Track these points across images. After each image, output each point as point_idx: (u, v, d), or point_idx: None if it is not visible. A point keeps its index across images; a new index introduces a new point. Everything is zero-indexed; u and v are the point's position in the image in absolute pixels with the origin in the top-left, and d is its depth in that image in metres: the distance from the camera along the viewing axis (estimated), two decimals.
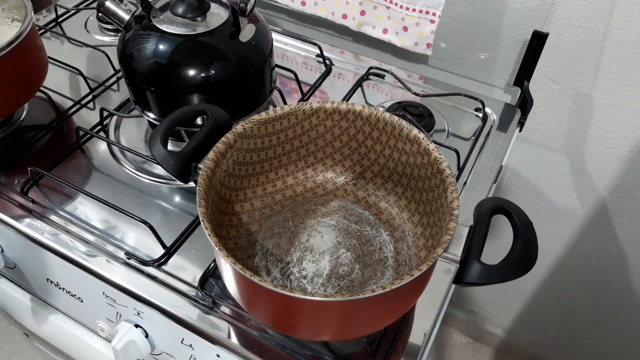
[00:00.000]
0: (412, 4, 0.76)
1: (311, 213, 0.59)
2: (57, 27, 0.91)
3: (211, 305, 0.56)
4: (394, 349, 0.53)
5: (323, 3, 0.84)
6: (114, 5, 0.62)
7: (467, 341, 1.41)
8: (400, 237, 0.56)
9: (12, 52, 0.63)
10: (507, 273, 0.41)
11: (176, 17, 0.62)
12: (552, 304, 1.16)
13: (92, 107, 0.78)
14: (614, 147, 0.82)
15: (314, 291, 0.52)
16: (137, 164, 0.70)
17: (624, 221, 0.90)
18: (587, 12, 0.70)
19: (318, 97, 0.79)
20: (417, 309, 0.56)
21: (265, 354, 0.53)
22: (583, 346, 1.20)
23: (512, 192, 0.99)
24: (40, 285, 0.71)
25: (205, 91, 0.62)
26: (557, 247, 1.03)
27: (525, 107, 0.77)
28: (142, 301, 0.57)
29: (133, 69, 0.63)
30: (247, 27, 0.63)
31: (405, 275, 0.39)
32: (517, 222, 0.44)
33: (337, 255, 0.55)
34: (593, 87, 0.77)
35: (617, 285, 1.01)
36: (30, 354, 1.34)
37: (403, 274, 0.52)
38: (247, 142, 0.53)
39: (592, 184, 0.88)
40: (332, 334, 0.48)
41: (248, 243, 0.56)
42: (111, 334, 0.66)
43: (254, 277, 0.39)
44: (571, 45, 0.74)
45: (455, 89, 0.80)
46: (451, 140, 0.74)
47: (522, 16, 0.75)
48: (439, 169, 0.49)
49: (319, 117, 0.55)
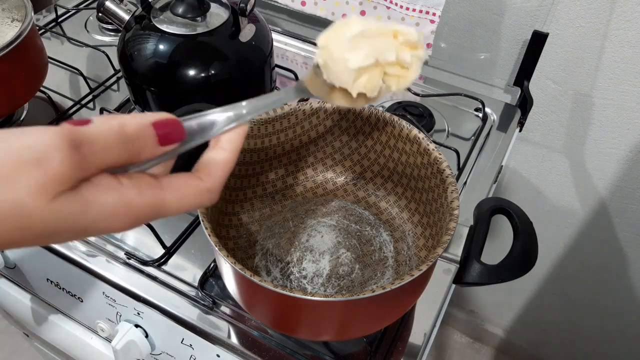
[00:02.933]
0: (412, 4, 0.76)
1: (311, 213, 0.59)
2: (57, 27, 0.91)
3: (211, 305, 0.56)
4: (394, 349, 0.53)
5: (323, 3, 0.84)
6: (114, 5, 0.62)
7: (467, 341, 1.41)
8: (400, 237, 0.56)
9: (12, 52, 0.63)
10: (507, 273, 0.41)
11: (176, 17, 0.62)
12: (552, 304, 1.16)
13: (92, 107, 0.78)
14: (614, 147, 0.82)
15: (314, 291, 0.52)
16: None
17: (624, 221, 0.90)
18: (587, 12, 0.70)
19: None
20: (417, 309, 0.56)
21: (265, 354, 0.53)
22: (583, 346, 1.20)
23: (512, 192, 0.99)
24: (40, 285, 0.71)
25: (205, 91, 0.62)
26: (557, 247, 1.03)
27: (525, 107, 0.77)
28: (142, 301, 0.57)
29: (133, 69, 0.63)
30: (247, 27, 0.63)
31: (405, 275, 0.39)
32: (517, 222, 0.44)
33: (337, 255, 0.55)
34: (593, 87, 0.77)
35: (617, 285, 1.01)
36: (30, 354, 1.34)
37: (403, 274, 0.52)
38: (247, 142, 0.53)
39: (592, 184, 0.88)
40: (332, 334, 0.48)
41: (248, 243, 0.56)
42: (111, 334, 0.66)
43: (254, 277, 0.39)
44: (571, 45, 0.74)
45: (455, 89, 0.80)
46: (451, 140, 0.74)
47: (522, 16, 0.75)
48: (439, 169, 0.49)
49: (319, 117, 0.55)
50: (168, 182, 0.28)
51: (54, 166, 0.22)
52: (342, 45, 0.34)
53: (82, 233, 0.25)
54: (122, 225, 0.26)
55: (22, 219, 0.23)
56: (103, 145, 0.24)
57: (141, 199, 0.26)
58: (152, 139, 0.26)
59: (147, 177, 0.27)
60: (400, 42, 0.35)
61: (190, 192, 0.28)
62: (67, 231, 0.24)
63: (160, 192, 0.27)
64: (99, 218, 0.25)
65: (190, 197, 0.28)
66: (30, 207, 0.23)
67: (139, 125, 0.26)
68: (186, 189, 0.28)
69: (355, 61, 0.33)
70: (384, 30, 0.34)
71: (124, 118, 0.26)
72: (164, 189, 0.27)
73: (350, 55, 0.33)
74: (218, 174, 0.30)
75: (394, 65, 0.35)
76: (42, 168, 0.22)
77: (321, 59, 0.35)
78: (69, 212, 0.24)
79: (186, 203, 0.28)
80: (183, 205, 0.28)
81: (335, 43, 0.34)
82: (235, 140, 0.31)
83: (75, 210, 0.24)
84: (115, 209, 0.25)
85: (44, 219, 0.23)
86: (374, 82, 0.35)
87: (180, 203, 0.28)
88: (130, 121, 0.26)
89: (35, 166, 0.22)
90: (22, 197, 0.22)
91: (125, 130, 0.25)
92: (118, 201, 0.25)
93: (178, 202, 0.28)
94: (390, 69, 0.35)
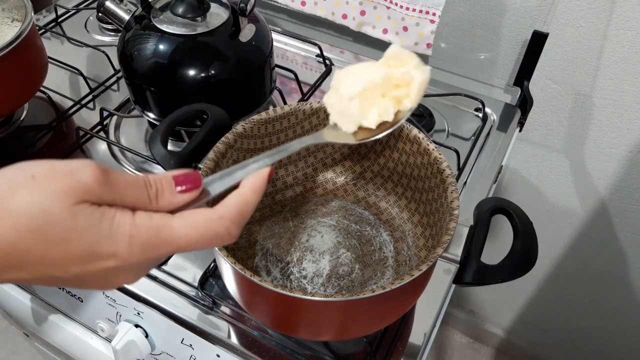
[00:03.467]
0: (412, 4, 0.76)
1: (311, 213, 0.59)
2: (57, 27, 0.91)
3: (211, 305, 0.56)
4: (394, 349, 0.53)
5: (323, 3, 0.84)
6: (114, 5, 0.62)
7: (467, 341, 1.41)
8: (400, 237, 0.56)
9: (12, 52, 0.63)
10: (507, 273, 0.41)
11: (176, 17, 0.62)
12: (552, 304, 1.16)
13: (92, 107, 0.78)
14: (614, 147, 0.82)
15: (314, 291, 0.52)
16: (137, 164, 0.70)
17: (624, 221, 0.90)
18: (587, 12, 0.70)
19: (318, 97, 0.79)
20: (417, 309, 0.56)
21: (265, 354, 0.53)
22: (583, 346, 1.20)
23: (512, 192, 0.99)
24: (40, 285, 0.71)
25: (205, 91, 0.62)
26: (557, 247, 1.03)
27: (525, 107, 0.77)
28: (142, 301, 0.57)
29: (133, 69, 0.63)
30: (247, 27, 0.63)
31: (405, 275, 0.39)
32: (517, 222, 0.44)
33: (337, 255, 0.55)
34: (593, 87, 0.77)
35: (617, 285, 1.01)
36: (30, 354, 1.34)
37: (403, 274, 0.52)
38: (247, 142, 0.53)
39: (592, 184, 0.88)
40: (332, 334, 0.48)
41: (248, 243, 0.56)
42: (111, 334, 0.66)
43: (254, 277, 0.39)
44: (571, 45, 0.74)
45: (455, 89, 0.80)
46: (451, 140, 0.74)
47: (522, 16, 0.75)
48: (439, 169, 0.49)
49: (319, 117, 0.55)
50: (180, 213, 0.29)
51: (83, 177, 0.26)
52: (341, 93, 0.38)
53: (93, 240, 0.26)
54: (130, 246, 0.27)
55: (42, 215, 0.25)
56: (126, 182, 0.27)
57: (151, 222, 0.27)
58: (170, 184, 0.29)
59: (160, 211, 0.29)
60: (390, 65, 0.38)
61: (200, 219, 0.28)
62: (80, 234, 0.26)
63: (168, 218, 0.28)
64: (110, 235, 0.26)
65: (199, 223, 0.28)
66: (49, 205, 0.25)
67: (160, 176, 0.29)
68: (195, 216, 0.28)
69: (349, 90, 0.37)
70: (369, 64, 0.39)
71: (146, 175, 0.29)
72: (173, 217, 0.28)
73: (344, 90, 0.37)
74: (230, 202, 0.30)
75: (394, 87, 0.38)
76: (72, 177, 0.26)
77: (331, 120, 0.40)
78: (85, 219, 0.26)
79: (195, 229, 0.28)
80: (191, 231, 0.28)
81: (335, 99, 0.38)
82: (256, 181, 0.31)
83: (91, 220, 0.26)
84: (126, 228, 0.27)
85: (60, 218, 0.25)
86: (383, 107, 0.38)
87: (188, 228, 0.28)
88: (153, 175, 0.29)
89: (67, 174, 0.26)
90: (46, 196, 0.25)
91: (147, 177, 0.29)
92: (129, 222, 0.27)
93: (186, 228, 0.28)
94: (393, 92, 0.38)
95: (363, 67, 0.39)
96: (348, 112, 0.38)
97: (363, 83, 0.37)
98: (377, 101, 0.38)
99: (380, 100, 0.38)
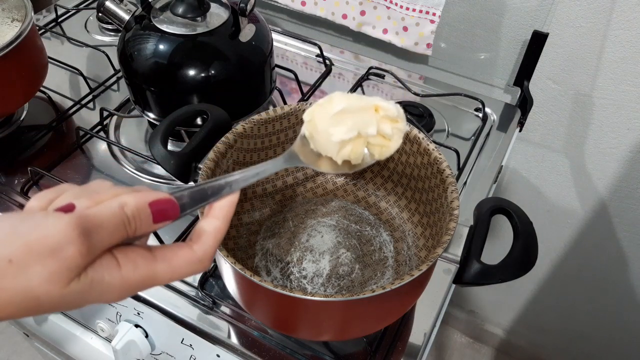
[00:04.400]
0: (412, 4, 0.76)
1: (311, 213, 0.59)
2: (57, 27, 0.91)
3: (211, 305, 0.56)
4: (394, 349, 0.53)
5: (323, 3, 0.84)
6: (114, 5, 0.62)
7: (467, 341, 1.41)
8: (400, 237, 0.56)
9: (12, 52, 0.63)
10: (507, 273, 0.41)
11: (176, 17, 0.62)
12: (552, 304, 1.16)
13: (92, 107, 0.78)
14: (614, 147, 0.82)
15: (314, 291, 0.52)
16: (137, 164, 0.70)
17: (624, 221, 0.90)
18: (587, 12, 0.70)
19: (318, 97, 0.79)
20: (417, 309, 0.56)
21: (265, 354, 0.53)
22: (583, 346, 1.20)
23: (512, 192, 0.99)
24: None
25: (205, 91, 0.62)
26: (557, 247, 1.03)
27: (525, 107, 0.77)
28: (142, 301, 0.57)
29: (133, 69, 0.63)
30: (247, 27, 0.63)
31: (405, 275, 0.39)
32: (517, 222, 0.44)
33: (337, 255, 0.55)
34: (593, 87, 0.77)
35: (617, 285, 1.01)
36: (30, 354, 1.34)
37: (403, 274, 0.52)
38: (247, 142, 0.53)
39: (592, 184, 0.88)
40: (332, 334, 0.48)
41: (248, 243, 0.56)
42: (111, 334, 0.66)
43: (254, 277, 0.39)
44: (571, 45, 0.74)
45: (455, 89, 0.80)
46: (451, 140, 0.74)
47: (522, 16, 0.75)
48: (439, 169, 0.49)
49: None
50: (162, 255, 0.30)
51: (67, 256, 0.25)
52: (326, 120, 0.37)
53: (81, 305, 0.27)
54: (117, 298, 0.28)
55: (31, 303, 0.25)
56: (108, 231, 0.27)
57: (136, 273, 0.28)
58: (148, 218, 0.29)
59: (141, 251, 0.29)
60: (382, 115, 0.37)
61: (182, 264, 0.30)
62: (70, 307, 0.27)
63: (152, 264, 0.29)
64: (100, 295, 0.27)
65: (181, 268, 0.30)
66: (39, 293, 0.25)
67: (137, 205, 0.28)
68: (177, 261, 0.30)
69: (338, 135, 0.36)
70: (366, 106, 0.37)
71: (123, 197, 0.28)
72: (156, 261, 0.29)
73: (333, 130, 0.36)
74: (209, 242, 0.32)
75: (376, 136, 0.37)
76: (56, 258, 0.25)
77: (307, 131, 0.38)
78: (76, 293, 0.26)
79: (177, 274, 0.30)
80: (175, 276, 0.30)
81: (319, 118, 0.37)
82: (226, 208, 0.33)
83: (81, 291, 0.26)
84: (114, 287, 0.28)
85: (52, 301, 0.25)
86: (358, 151, 0.38)
87: (172, 275, 0.30)
88: (130, 201, 0.28)
89: (50, 256, 0.24)
90: (33, 285, 0.24)
91: (125, 212, 0.28)
92: (118, 279, 0.28)
93: (170, 274, 0.30)
94: (373, 140, 0.38)
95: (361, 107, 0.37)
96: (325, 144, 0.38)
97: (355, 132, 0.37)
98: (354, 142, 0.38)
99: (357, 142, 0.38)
